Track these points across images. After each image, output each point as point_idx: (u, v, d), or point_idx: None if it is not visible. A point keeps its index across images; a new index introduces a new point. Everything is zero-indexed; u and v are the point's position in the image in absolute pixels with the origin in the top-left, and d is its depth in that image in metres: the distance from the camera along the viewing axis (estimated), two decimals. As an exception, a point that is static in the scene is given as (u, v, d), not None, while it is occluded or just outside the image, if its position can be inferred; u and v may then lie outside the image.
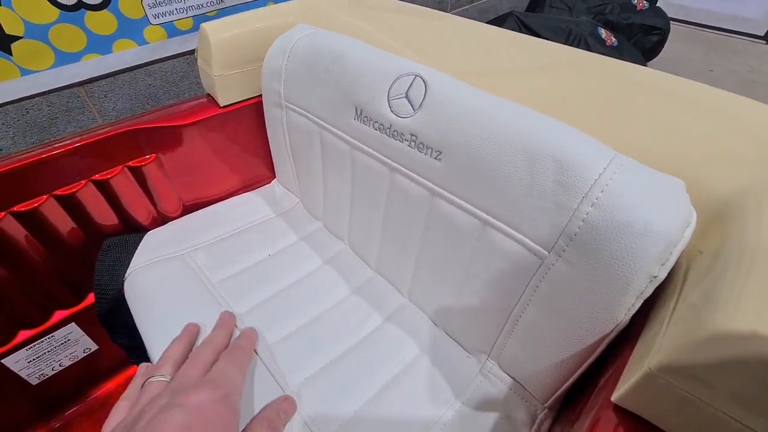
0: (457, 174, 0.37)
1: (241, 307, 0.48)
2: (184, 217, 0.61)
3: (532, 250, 0.33)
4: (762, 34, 2.41)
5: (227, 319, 0.44)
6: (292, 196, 0.66)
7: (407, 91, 0.40)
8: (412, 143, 0.40)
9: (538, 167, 0.31)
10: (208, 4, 1.15)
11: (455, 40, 0.53)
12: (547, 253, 0.32)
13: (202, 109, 0.57)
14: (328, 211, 0.58)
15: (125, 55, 0.92)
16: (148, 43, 0.96)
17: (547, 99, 0.40)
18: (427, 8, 0.63)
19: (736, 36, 2.50)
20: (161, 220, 0.61)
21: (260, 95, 0.59)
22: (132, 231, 0.58)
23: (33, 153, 0.46)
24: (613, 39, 1.97)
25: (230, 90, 0.57)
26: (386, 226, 0.48)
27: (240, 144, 0.63)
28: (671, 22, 2.16)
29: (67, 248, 0.54)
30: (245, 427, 0.33)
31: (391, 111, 0.41)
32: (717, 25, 2.52)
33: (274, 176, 0.69)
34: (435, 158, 0.38)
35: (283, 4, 0.61)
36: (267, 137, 0.62)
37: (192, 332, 0.42)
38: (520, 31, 1.96)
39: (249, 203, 0.64)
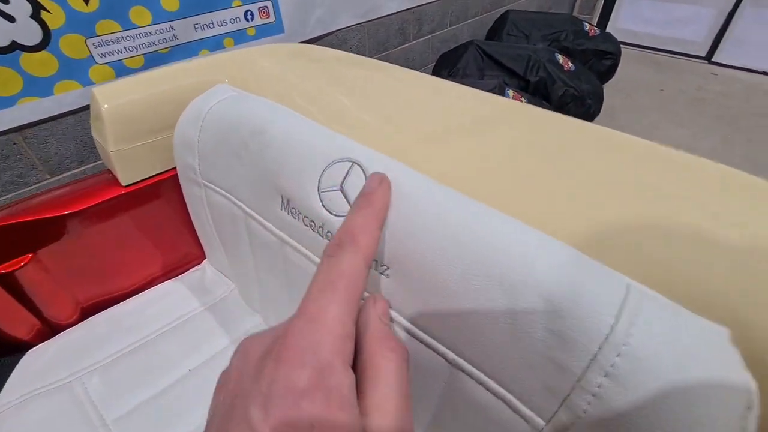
0: (412, 296, 0.27)
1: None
2: (80, 325, 0.48)
3: (522, 415, 0.24)
4: (704, 55, 2.54)
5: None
6: (225, 280, 0.54)
7: (342, 182, 0.30)
8: None
9: (520, 304, 0.22)
10: (161, 42, 1.09)
11: (406, 94, 0.45)
12: (543, 423, 0.23)
13: (97, 190, 0.46)
14: (266, 304, 0.47)
15: (68, 97, 0.85)
16: (94, 83, 0.89)
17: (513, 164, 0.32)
18: (371, 59, 0.55)
19: (681, 57, 2.62)
20: (50, 331, 0.48)
21: (175, 167, 0.48)
22: (7, 350, 0.45)
23: None
24: (570, 64, 2.00)
25: (134, 166, 0.46)
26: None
27: (156, 224, 0.52)
28: (622, 45, 2.23)
29: None
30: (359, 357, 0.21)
31: (323, 207, 0.31)
32: (663, 48, 2.64)
33: (203, 256, 0.57)
34: (381, 273, 0.28)
35: (205, 57, 0.51)
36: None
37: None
38: (482, 59, 1.96)
39: (170, 296, 0.52)
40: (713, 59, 2.51)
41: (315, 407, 0.16)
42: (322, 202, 0.31)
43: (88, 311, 0.50)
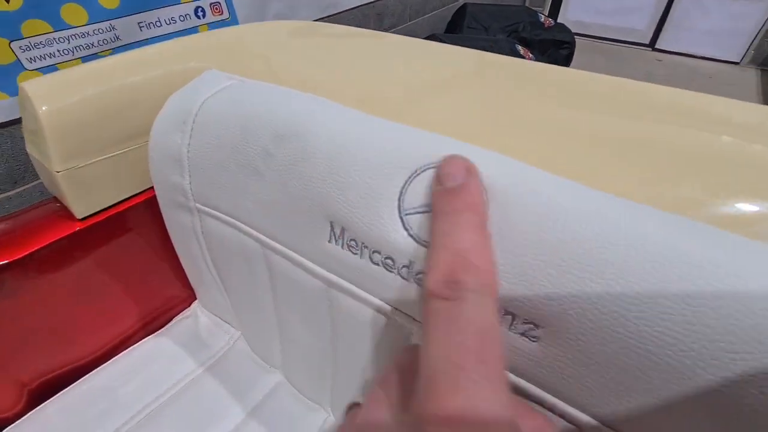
0: (571, 364, 0.18)
1: None
2: (27, 417, 0.34)
3: None
4: (647, 42, 2.68)
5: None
6: (226, 327, 0.42)
7: (439, 195, 0.21)
8: None
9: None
10: (101, 43, 0.99)
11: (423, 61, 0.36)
12: None
13: (42, 227, 0.32)
14: (293, 360, 0.36)
15: (-8, 108, 0.73)
16: None
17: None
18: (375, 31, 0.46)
19: (628, 45, 2.75)
20: (-18, 434, 0.34)
21: (152, 187, 0.36)
22: None
23: None
24: (531, 55, 2.03)
25: (92, 191, 0.33)
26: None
27: (127, 265, 0.39)
28: (574, 35, 2.30)
29: None
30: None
31: (410, 235, 0.21)
32: (611, 37, 2.76)
33: (192, 297, 0.45)
34: (523, 334, 0.19)
35: (174, 41, 0.39)
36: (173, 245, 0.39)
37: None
38: (446, 53, 1.93)
39: (154, 358, 0.39)
40: (656, 46, 2.65)
41: None
42: (407, 229, 0.21)
43: (38, 395, 0.36)
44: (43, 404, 0.35)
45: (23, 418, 0.35)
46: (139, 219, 0.37)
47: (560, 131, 0.27)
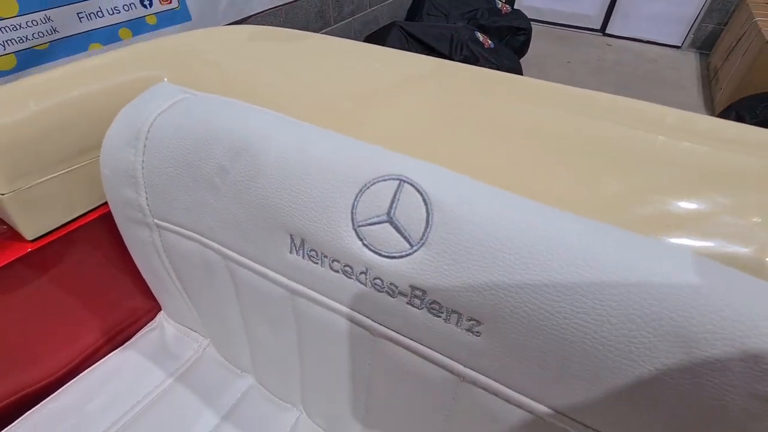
0: (510, 354, 0.21)
1: None
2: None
3: None
4: (598, 28, 2.78)
5: None
6: (194, 335, 0.43)
7: (391, 210, 0.22)
8: (416, 301, 0.22)
9: (706, 362, 0.17)
10: (36, 36, 0.91)
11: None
12: None
13: (-11, 252, 0.31)
14: (263, 363, 0.37)
15: None
16: None
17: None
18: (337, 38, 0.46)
19: (580, 31, 2.84)
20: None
21: (106, 203, 0.35)
22: None
23: None
24: (489, 42, 2.06)
25: (42, 211, 0.33)
26: (374, 398, 0.30)
27: (86, 281, 0.38)
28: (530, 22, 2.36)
29: None
30: None
31: (365, 245, 0.23)
32: (564, 23, 2.85)
33: (157, 308, 0.45)
34: (468, 330, 0.21)
35: (123, 49, 0.38)
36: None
37: None
38: (406, 41, 1.92)
39: (121, 372, 0.39)
40: (607, 31, 2.76)
41: None
42: (362, 239, 0.23)
43: (3, 418, 0.35)
44: (7, 427, 0.35)
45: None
46: (95, 235, 0.36)
47: (507, 134, 0.29)
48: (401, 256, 0.22)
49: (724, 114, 1.52)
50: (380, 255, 0.22)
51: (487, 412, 0.23)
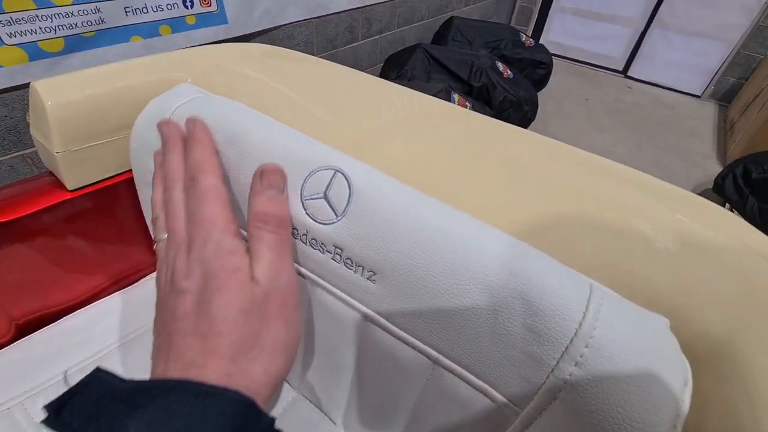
0: (398, 300, 0.29)
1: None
2: (16, 344, 0.43)
3: (499, 403, 0.26)
4: (620, 69, 2.83)
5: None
6: (184, 288, 0.52)
7: (326, 190, 0.31)
8: (337, 257, 0.31)
9: (502, 307, 0.25)
10: (85, 24, 0.98)
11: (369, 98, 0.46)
12: (519, 410, 0.26)
13: (38, 195, 0.41)
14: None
15: (-28, 80, 0.76)
16: (2, 66, 0.83)
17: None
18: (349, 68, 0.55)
19: (602, 70, 2.90)
20: (-21, 353, 0.43)
21: (130, 170, 0.45)
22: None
23: None
24: (509, 72, 2.13)
25: (82, 169, 0.43)
26: (309, 341, 0.38)
27: (103, 231, 0.48)
28: (552, 56, 2.43)
29: None
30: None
31: (307, 214, 0.32)
32: (587, 61, 2.91)
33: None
34: (368, 279, 0.30)
35: (160, 55, 0.48)
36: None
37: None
38: (428, 63, 2.02)
39: (123, 307, 0.49)
40: (628, 73, 2.81)
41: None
42: (305, 209, 0.32)
43: (24, 329, 0.45)
44: (28, 336, 0.44)
45: (12, 344, 0.43)
46: (117, 195, 0.46)
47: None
48: (330, 223, 0.30)
49: (733, 165, 1.54)
50: (316, 222, 0.31)
51: (386, 350, 0.31)
